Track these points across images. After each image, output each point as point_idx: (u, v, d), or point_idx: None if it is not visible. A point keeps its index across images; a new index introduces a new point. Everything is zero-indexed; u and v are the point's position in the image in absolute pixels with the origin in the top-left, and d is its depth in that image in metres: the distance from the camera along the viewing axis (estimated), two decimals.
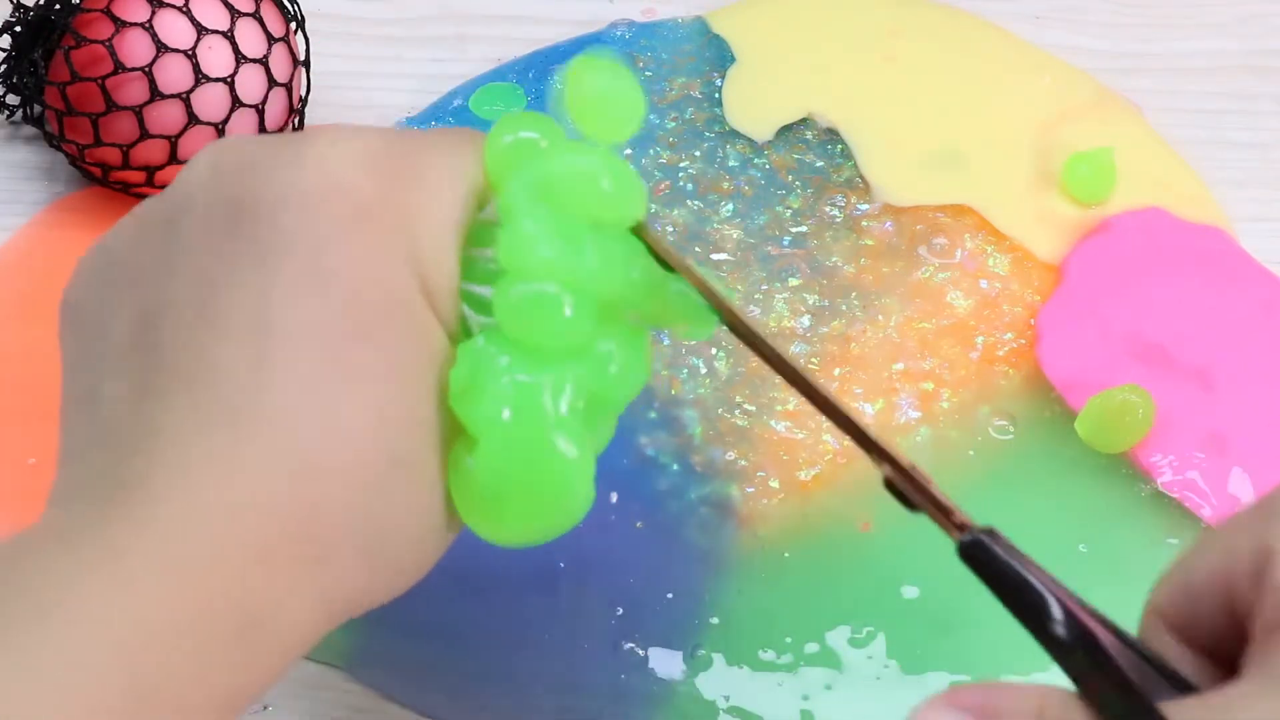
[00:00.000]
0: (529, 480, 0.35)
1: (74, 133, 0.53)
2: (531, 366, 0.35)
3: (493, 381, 0.34)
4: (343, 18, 0.63)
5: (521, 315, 0.35)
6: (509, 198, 0.36)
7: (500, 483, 0.35)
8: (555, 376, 0.35)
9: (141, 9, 0.52)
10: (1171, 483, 0.51)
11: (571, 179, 0.36)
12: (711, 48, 0.62)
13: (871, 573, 0.50)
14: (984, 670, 0.47)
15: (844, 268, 0.56)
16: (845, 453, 0.52)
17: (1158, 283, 0.55)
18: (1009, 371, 0.54)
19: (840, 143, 0.59)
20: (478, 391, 0.35)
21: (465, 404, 0.35)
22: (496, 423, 0.34)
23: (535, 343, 0.35)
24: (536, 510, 0.35)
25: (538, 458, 0.34)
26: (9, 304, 0.55)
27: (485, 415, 0.34)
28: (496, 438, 0.34)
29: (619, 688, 0.47)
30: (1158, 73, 0.62)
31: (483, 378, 0.35)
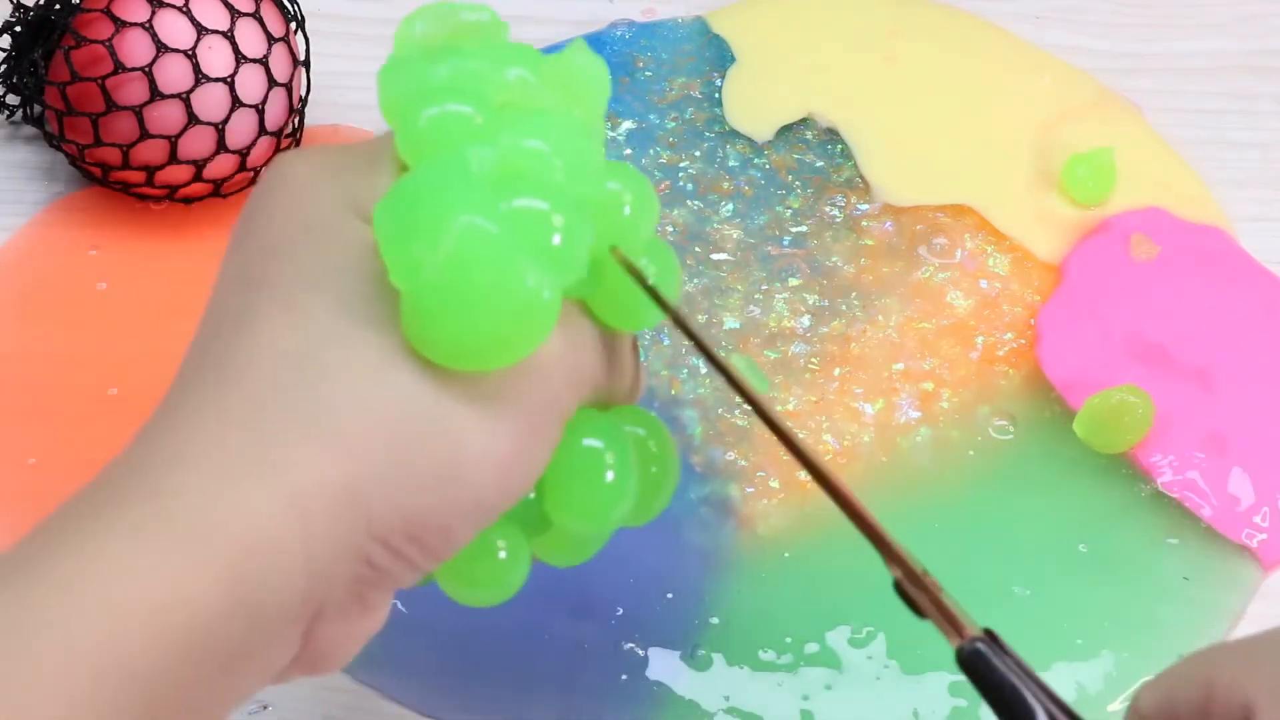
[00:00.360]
0: (483, 297, 0.31)
1: (74, 133, 0.53)
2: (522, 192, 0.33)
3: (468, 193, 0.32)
4: (343, 18, 0.63)
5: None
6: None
7: (449, 292, 0.31)
8: (550, 203, 0.33)
9: (141, 9, 0.52)
10: (1171, 483, 0.51)
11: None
12: (711, 48, 0.62)
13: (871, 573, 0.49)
14: None
15: (844, 268, 0.56)
16: (845, 453, 0.52)
17: (1158, 283, 0.55)
18: (1009, 371, 0.54)
19: (840, 143, 0.59)
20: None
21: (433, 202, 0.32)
22: (469, 232, 0.31)
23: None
24: (478, 330, 0.32)
25: (499, 278, 0.31)
26: (9, 304, 0.55)
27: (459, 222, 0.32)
28: (461, 248, 0.31)
29: (619, 688, 0.47)
30: (1158, 73, 0.62)
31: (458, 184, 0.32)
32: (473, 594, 0.37)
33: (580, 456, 0.35)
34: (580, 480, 0.36)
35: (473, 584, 0.37)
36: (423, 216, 0.32)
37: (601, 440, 0.36)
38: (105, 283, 0.56)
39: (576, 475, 0.36)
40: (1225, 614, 0.49)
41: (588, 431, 0.36)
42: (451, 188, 0.32)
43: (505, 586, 0.37)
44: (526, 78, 0.36)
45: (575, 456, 0.35)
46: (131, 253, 0.56)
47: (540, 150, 0.33)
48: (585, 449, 0.36)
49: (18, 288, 0.56)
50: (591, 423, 0.36)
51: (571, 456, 0.35)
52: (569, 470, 0.35)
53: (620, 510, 0.36)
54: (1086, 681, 0.47)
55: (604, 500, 0.36)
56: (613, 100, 0.60)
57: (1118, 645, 0.48)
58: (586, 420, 0.36)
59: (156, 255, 0.56)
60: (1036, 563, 0.49)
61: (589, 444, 0.36)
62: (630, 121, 0.60)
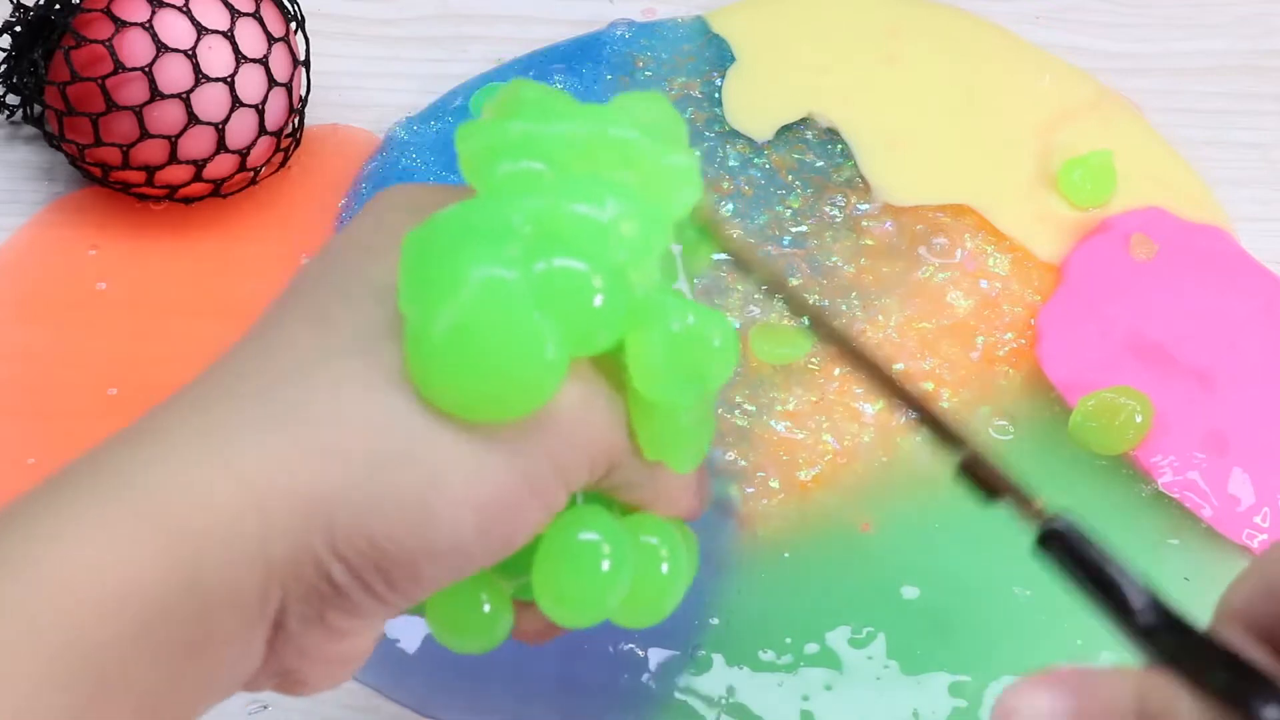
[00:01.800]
0: (484, 349, 0.31)
1: (74, 133, 0.53)
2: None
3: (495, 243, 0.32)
4: (343, 18, 0.63)
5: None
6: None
7: (461, 344, 0.31)
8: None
9: (141, 9, 0.52)
10: (1172, 483, 0.51)
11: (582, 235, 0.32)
12: (711, 48, 0.62)
13: (871, 573, 0.50)
14: (984, 670, 0.47)
15: (844, 268, 0.56)
16: (845, 453, 0.52)
17: (1158, 283, 0.55)
18: (1009, 371, 0.54)
19: (840, 143, 0.59)
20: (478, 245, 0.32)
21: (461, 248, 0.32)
22: (490, 283, 0.31)
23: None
24: (486, 384, 0.31)
25: (511, 336, 0.31)
26: (8, 304, 0.55)
27: (478, 273, 0.31)
28: (478, 298, 0.31)
29: (619, 688, 0.47)
30: (1158, 73, 0.62)
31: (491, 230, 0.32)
32: (455, 640, 0.37)
33: (572, 548, 0.35)
34: (569, 569, 0.35)
35: (457, 630, 0.37)
36: (444, 256, 0.31)
37: (600, 536, 0.35)
38: (105, 282, 0.56)
39: (567, 563, 0.35)
40: None
41: (589, 526, 0.35)
42: (483, 233, 0.32)
43: (488, 639, 0.37)
44: (627, 139, 0.35)
45: (567, 546, 0.35)
46: (131, 252, 0.56)
47: (592, 216, 0.32)
48: (580, 542, 0.35)
49: (17, 287, 0.56)
50: (599, 517, 0.35)
51: (564, 545, 0.35)
52: (558, 556, 0.35)
53: (601, 610, 0.36)
54: None
55: (588, 596, 0.35)
56: None
57: (1118, 646, 0.48)
58: (593, 516, 0.35)
59: (156, 255, 0.56)
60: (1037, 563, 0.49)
61: (585, 538, 0.35)
62: None
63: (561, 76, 0.61)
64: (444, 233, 0.32)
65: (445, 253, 0.32)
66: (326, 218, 0.57)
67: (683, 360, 0.33)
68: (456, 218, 0.32)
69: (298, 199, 0.58)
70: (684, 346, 0.33)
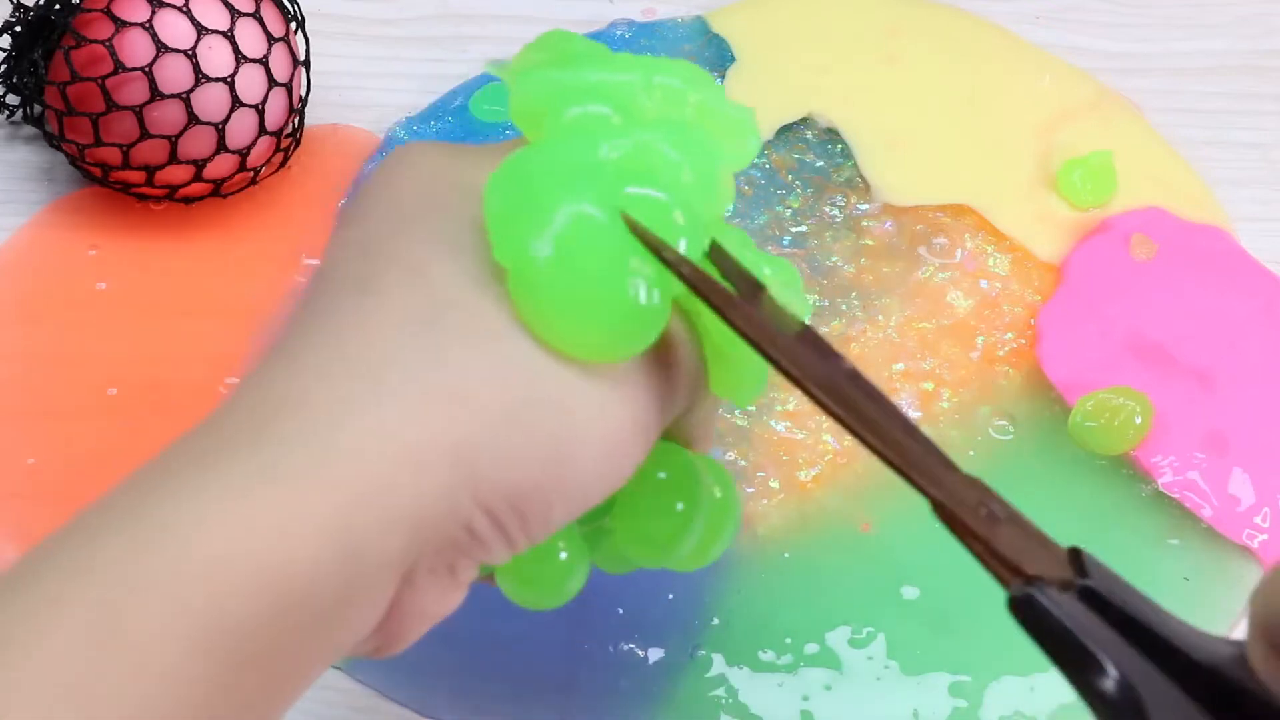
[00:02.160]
0: (587, 288, 0.31)
1: (74, 133, 0.53)
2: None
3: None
4: (343, 18, 0.63)
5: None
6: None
7: (554, 277, 0.31)
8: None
9: (141, 9, 0.52)
10: (1172, 483, 0.51)
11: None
12: (711, 48, 0.62)
13: (871, 573, 0.50)
14: (984, 670, 0.47)
15: (844, 268, 0.56)
16: (845, 453, 0.52)
17: (1158, 283, 0.55)
18: (1009, 371, 0.54)
19: (840, 143, 0.59)
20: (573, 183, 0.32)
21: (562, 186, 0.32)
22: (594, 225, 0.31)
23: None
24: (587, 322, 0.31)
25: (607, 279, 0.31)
26: (9, 304, 0.55)
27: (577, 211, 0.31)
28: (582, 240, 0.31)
29: (619, 688, 0.47)
30: (1158, 73, 0.62)
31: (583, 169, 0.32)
32: (531, 594, 0.37)
33: (660, 484, 0.36)
34: (654, 506, 0.36)
35: (532, 584, 0.37)
36: (535, 196, 0.32)
37: (681, 475, 0.36)
38: (105, 282, 0.56)
39: (653, 500, 0.35)
40: (1226, 615, 0.49)
41: (670, 464, 0.36)
42: (571, 170, 0.32)
43: (562, 591, 0.37)
44: (674, 86, 0.35)
45: (656, 483, 0.35)
46: (131, 252, 0.56)
47: (672, 156, 0.33)
48: (664, 480, 0.36)
49: (17, 287, 0.56)
50: (675, 456, 0.36)
51: (652, 482, 0.35)
52: (647, 494, 0.35)
53: (682, 547, 0.36)
54: None
55: (671, 533, 0.36)
56: None
57: None
58: (672, 452, 0.36)
59: (156, 255, 0.56)
60: None
61: (668, 475, 0.36)
62: None
63: None
64: (531, 174, 0.32)
65: (539, 193, 0.32)
66: (326, 218, 0.57)
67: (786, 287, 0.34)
68: (542, 158, 0.32)
69: (298, 199, 0.58)
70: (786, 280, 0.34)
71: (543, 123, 0.34)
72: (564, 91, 0.34)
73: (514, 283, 0.32)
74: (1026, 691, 0.47)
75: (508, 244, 0.32)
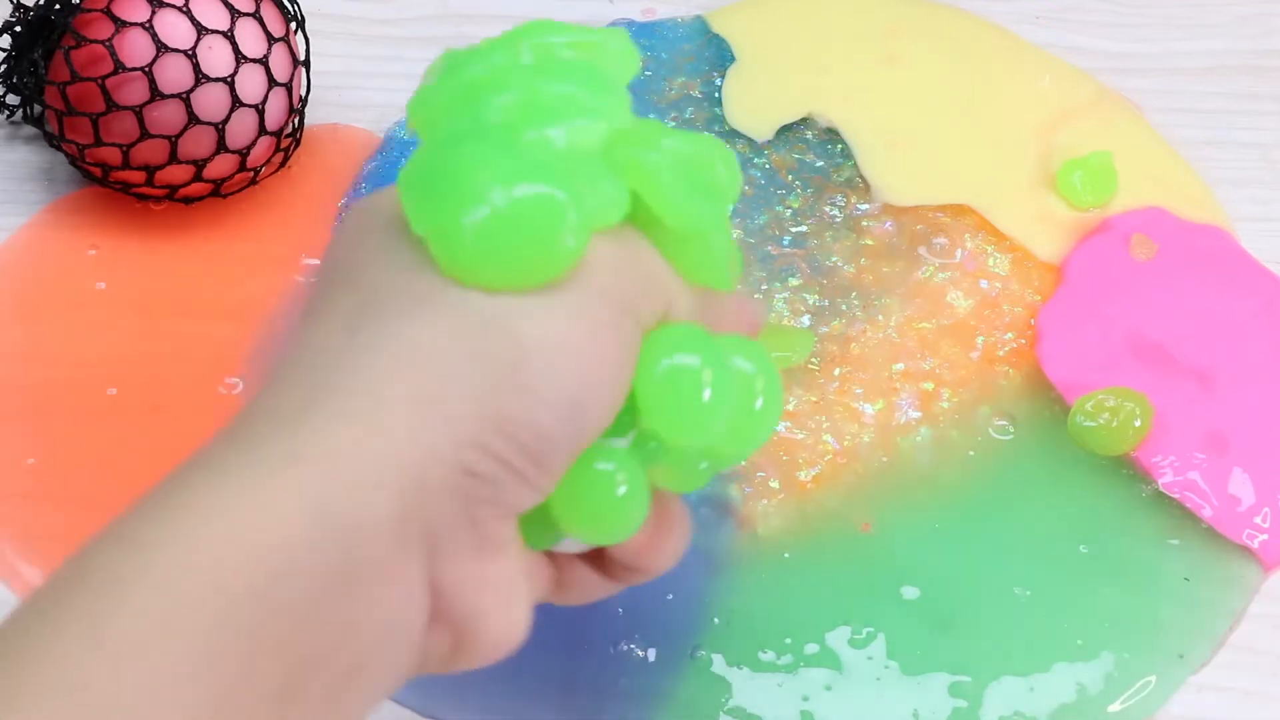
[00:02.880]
0: (512, 245, 0.33)
1: (74, 133, 0.53)
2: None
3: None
4: (343, 18, 0.63)
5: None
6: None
7: (480, 243, 0.33)
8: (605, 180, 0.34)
9: (141, 9, 0.52)
10: (1172, 483, 0.51)
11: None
12: (711, 47, 0.62)
13: (871, 573, 0.50)
14: (984, 670, 0.47)
15: (844, 268, 0.56)
16: (845, 453, 0.52)
17: (1158, 283, 0.55)
18: (1009, 371, 0.54)
19: (840, 143, 0.59)
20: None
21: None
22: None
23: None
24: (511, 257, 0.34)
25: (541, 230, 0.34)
26: (8, 304, 0.55)
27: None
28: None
29: (619, 688, 0.47)
30: (1158, 73, 0.62)
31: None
32: (597, 529, 0.37)
33: (669, 370, 0.36)
34: (671, 392, 0.36)
35: (595, 519, 0.37)
36: (439, 164, 0.34)
37: (694, 355, 0.36)
38: (104, 282, 0.56)
39: (667, 383, 0.36)
40: (1226, 615, 0.49)
41: (681, 348, 0.36)
42: (465, 132, 0.34)
43: (627, 519, 0.37)
44: (544, 42, 0.37)
45: (665, 369, 0.36)
46: (131, 252, 0.56)
47: (562, 90, 0.35)
48: (673, 366, 0.36)
49: (17, 287, 0.56)
50: (685, 338, 0.36)
51: (661, 368, 0.36)
52: (660, 380, 0.36)
53: (715, 424, 0.36)
54: (1087, 682, 0.47)
55: (696, 413, 0.36)
56: None
57: (1118, 646, 0.48)
58: (683, 335, 0.36)
59: (156, 255, 0.56)
60: (1037, 563, 0.49)
61: (680, 361, 0.36)
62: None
63: None
64: (433, 152, 0.34)
65: (442, 161, 0.34)
66: (326, 218, 0.57)
67: (691, 178, 0.36)
68: (441, 135, 0.35)
69: (298, 199, 0.58)
70: (687, 165, 0.36)
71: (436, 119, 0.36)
72: (448, 95, 0.36)
73: (435, 246, 0.34)
74: (1026, 691, 0.47)
75: (421, 214, 0.34)
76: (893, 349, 0.54)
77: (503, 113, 0.35)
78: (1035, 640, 0.48)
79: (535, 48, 0.37)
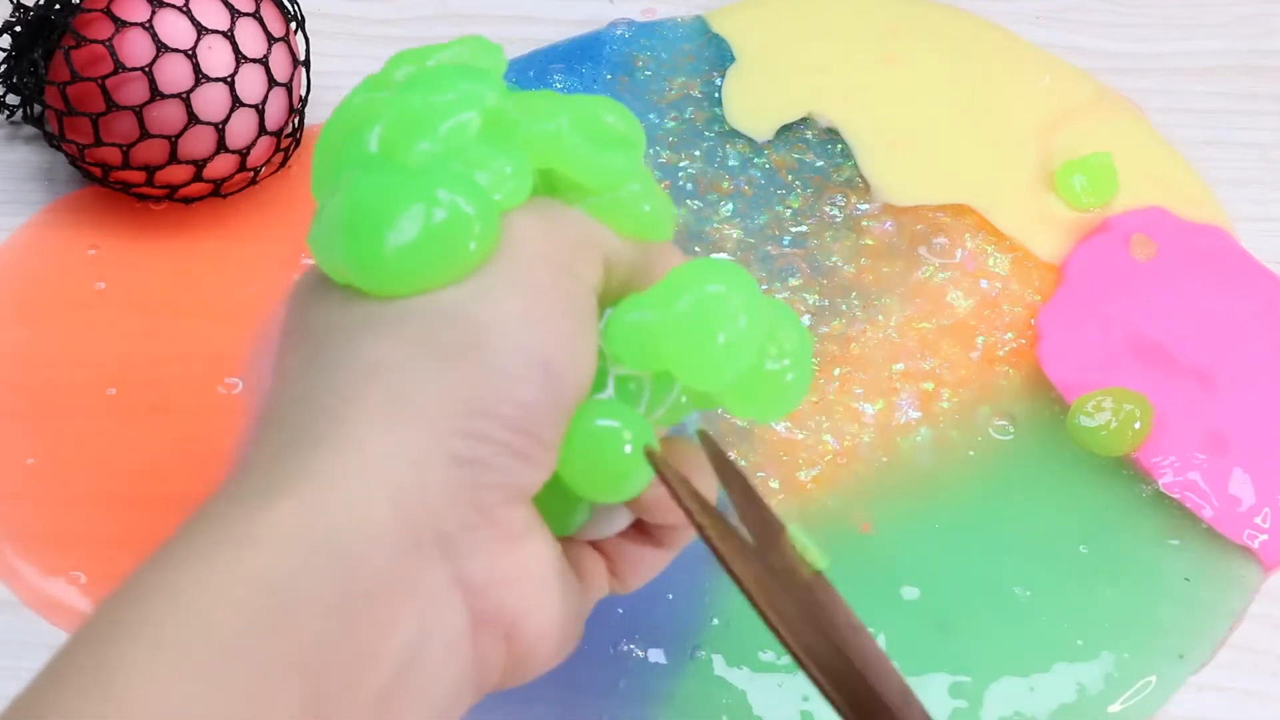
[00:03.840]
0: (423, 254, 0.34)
1: (74, 133, 0.53)
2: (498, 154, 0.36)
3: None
4: (343, 18, 0.63)
5: None
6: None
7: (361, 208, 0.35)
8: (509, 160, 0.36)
9: (141, 9, 0.52)
10: (1172, 483, 0.51)
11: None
12: (711, 47, 0.62)
13: (871, 573, 0.50)
14: (984, 670, 0.47)
15: (844, 268, 0.56)
16: (845, 453, 0.52)
17: (1158, 283, 0.55)
18: (1009, 371, 0.54)
19: (840, 143, 0.59)
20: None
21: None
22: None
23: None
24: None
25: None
26: (8, 304, 0.55)
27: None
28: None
29: (619, 688, 0.47)
30: (1158, 73, 0.62)
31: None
32: (614, 486, 0.37)
33: (693, 302, 0.36)
34: (692, 330, 0.36)
35: (610, 478, 0.37)
36: (350, 221, 0.35)
37: (710, 284, 0.37)
38: (104, 282, 0.56)
39: (689, 321, 0.36)
40: (1226, 615, 0.49)
41: (689, 285, 0.37)
42: (365, 182, 0.35)
43: (641, 468, 0.37)
44: (417, 69, 0.39)
45: (686, 305, 0.36)
46: (130, 252, 0.56)
47: (433, 98, 0.36)
48: (687, 305, 0.37)
49: (16, 287, 0.56)
50: (698, 272, 0.37)
51: (682, 304, 0.36)
52: (682, 316, 0.36)
53: (729, 369, 0.37)
54: (1086, 682, 0.47)
55: (714, 353, 0.36)
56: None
57: (1118, 645, 0.48)
58: (699, 270, 0.37)
59: (156, 255, 0.56)
60: (1037, 563, 0.49)
61: (688, 301, 0.37)
62: None
63: (561, 76, 0.61)
64: (334, 202, 0.36)
65: (335, 146, 0.37)
66: None
67: (593, 135, 0.37)
68: (332, 124, 0.38)
69: (298, 199, 0.58)
70: (585, 124, 0.37)
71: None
72: (329, 148, 0.38)
73: (357, 280, 0.35)
74: (1026, 691, 0.47)
75: (333, 261, 0.36)
76: (893, 349, 0.54)
77: (380, 139, 0.36)
78: (1035, 640, 0.48)
79: (409, 64, 0.39)
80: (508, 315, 0.34)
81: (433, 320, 0.34)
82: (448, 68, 0.38)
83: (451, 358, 0.33)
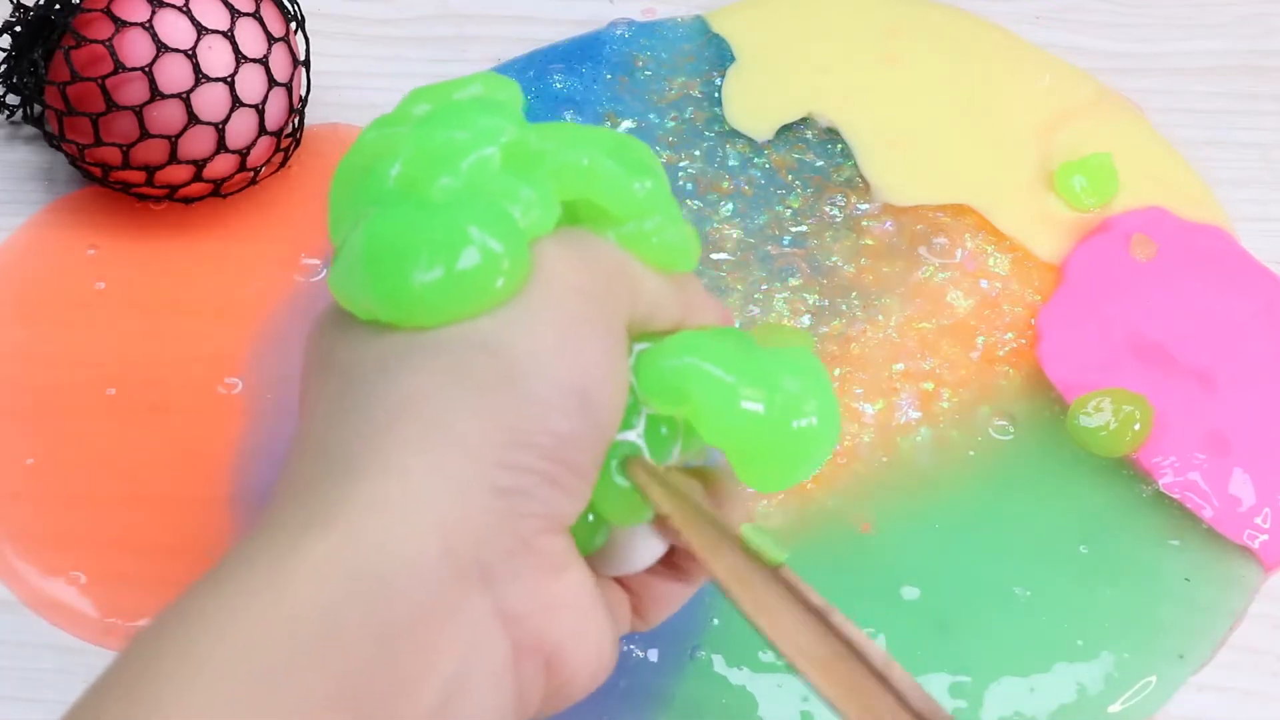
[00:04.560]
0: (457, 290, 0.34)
1: (74, 133, 0.53)
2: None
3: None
4: (343, 18, 0.63)
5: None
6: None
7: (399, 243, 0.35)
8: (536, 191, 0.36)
9: (141, 9, 0.52)
10: (1172, 483, 0.51)
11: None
12: (711, 47, 0.62)
13: (871, 573, 0.50)
14: (984, 670, 0.47)
15: (844, 267, 0.56)
16: (845, 453, 0.52)
17: (1158, 283, 0.55)
18: (1009, 371, 0.54)
19: (840, 143, 0.59)
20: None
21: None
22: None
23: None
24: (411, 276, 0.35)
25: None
26: (8, 303, 0.55)
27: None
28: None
29: (619, 688, 0.47)
30: (1158, 73, 0.62)
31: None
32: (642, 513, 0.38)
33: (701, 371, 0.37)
34: (699, 388, 0.37)
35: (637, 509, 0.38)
36: (352, 185, 0.37)
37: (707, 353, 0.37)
38: (104, 282, 0.56)
39: (700, 384, 0.37)
40: (1226, 615, 0.49)
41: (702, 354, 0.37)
42: (376, 161, 0.36)
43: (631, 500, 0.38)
44: (428, 109, 0.39)
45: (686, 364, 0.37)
46: (130, 252, 0.56)
47: (458, 136, 0.36)
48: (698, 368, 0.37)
49: (16, 287, 0.56)
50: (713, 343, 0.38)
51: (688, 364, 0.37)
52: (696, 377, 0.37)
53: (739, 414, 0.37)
54: (1086, 682, 0.47)
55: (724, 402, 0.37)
56: (613, 100, 0.60)
57: (1118, 646, 0.48)
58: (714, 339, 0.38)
59: (156, 255, 0.56)
60: (1037, 563, 0.49)
61: (698, 364, 0.37)
62: (630, 121, 0.60)
63: (561, 76, 0.61)
64: (355, 239, 0.36)
65: (352, 184, 0.37)
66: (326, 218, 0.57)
67: (625, 161, 0.38)
68: (348, 162, 0.37)
69: (298, 199, 0.58)
70: (616, 151, 0.38)
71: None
72: (347, 183, 0.38)
73: (384, 314, 0.35)
74: (1026, 692, 0.47)
75: (359, 298, 0.35)
76: (893, 349, 0.54)
77: (400, 175, 0.36)
78: (1035, 640, 0.48)
79: (426, 101, 0.39)
80: (543, 346, 0.34)
81: (467, 351, 0.34)
82: (466, 102, 0.38)
83: (488, 388, 0.33)
